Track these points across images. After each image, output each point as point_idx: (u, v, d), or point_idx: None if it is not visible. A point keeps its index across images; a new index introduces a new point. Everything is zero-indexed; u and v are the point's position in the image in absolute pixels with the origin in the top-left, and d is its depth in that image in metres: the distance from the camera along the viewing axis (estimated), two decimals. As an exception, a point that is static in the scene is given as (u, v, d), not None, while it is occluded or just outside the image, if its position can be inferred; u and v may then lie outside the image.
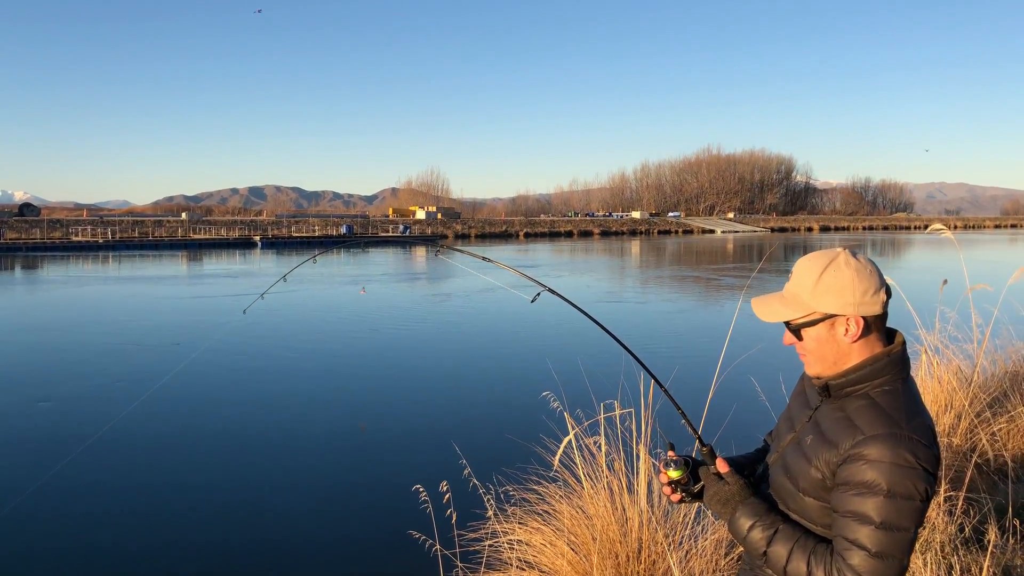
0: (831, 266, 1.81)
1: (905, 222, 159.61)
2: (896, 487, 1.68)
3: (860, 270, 1.80)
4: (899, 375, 1.83)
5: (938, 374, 6.07)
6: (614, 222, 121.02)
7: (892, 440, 1.71)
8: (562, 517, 4.18)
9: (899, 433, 1.72)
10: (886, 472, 1.69)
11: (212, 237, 71.53)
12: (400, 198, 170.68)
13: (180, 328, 18.89)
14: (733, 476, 1.97)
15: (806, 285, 1.84)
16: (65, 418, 10.30)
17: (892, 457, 1.69)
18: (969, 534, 4.06)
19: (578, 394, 4.90)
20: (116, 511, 7.25)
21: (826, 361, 1.85)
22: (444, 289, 30.11)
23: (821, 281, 1.81)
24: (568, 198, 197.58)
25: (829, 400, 1.88)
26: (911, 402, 1.80)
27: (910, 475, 1.68)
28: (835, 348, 1.83)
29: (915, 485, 1.68)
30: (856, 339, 1.81)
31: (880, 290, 1.81)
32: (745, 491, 1.95)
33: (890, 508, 1.68)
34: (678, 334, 17.75)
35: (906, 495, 1.68)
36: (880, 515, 1.68)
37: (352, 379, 12.93)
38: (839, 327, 1.82)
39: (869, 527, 1.69)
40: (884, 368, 1.81)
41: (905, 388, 1.82)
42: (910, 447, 1.70)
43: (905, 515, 1.68)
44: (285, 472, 8.30)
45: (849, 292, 1.79)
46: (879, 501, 1.68)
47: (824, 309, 1.81)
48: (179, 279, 35.21)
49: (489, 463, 4.71)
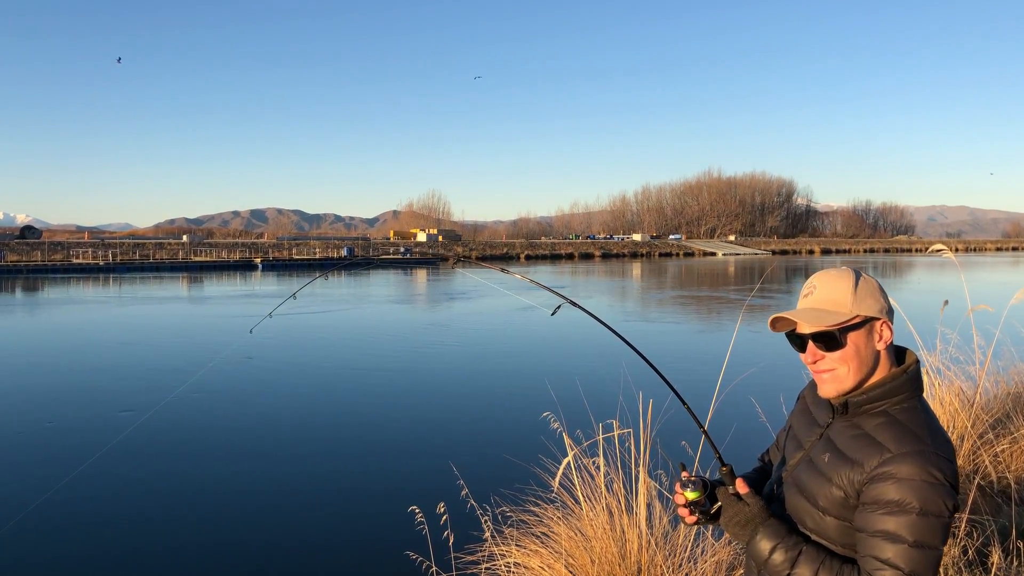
0: (863, 276, 1.90)
1: (907, 244, 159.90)
2: (928, 505, 1.68)
3: (871, 280, 1.90)
4: (915, 392, 1.85)
5: (940, 395, 6.04)
6: (615, 244, 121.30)
7: (921, 458, 1.71)
8: (560, 539, 4.13)
9: (926, 450, 1.72)
10: (917, 490, 1.69)
11: (213, 259, 71.73)
12: (401, 221, 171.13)
13: (185, 348, 18.86)
14: (753, 497, 1.95)
15: (846, 291, 1.87)
16: (71, 434, 10.24)
17: (922, 475, 1.69)
18: (973, 556, 4.01)
19: (577, 414, 4.86)
20: (115, 530, 7.18)
21: (854, 372, 1.85)
22: (443, 310, 30.09)
23: (860, 287, 1.87)
24: (569, 221, 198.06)
25: (842, 417, 1.89)
26: (931, 419, 1.81)
27: (940, 492, 1.69)
28: (871, 356, 1.86)
29: (944, 502, 1.69)
30: (888, 343, 1.86)
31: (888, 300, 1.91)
32: (765, 512, 1.92)
33: (922, 526, 1.67)
34: (678, 353, 17.69)
35: (937, 513, 1.68)
36: (913, 534, 1.67)
37: (351, 399, 12.87)
38: (875, 332, 1.86)
39: (902, 545, 1.68)
40: (903, 385, 1.84)
41: (922, 406, 1.85)
42: (937, 464, 1.71)
43: (936, 533, 1.68)
44: (282, 490, 8.24)
45: (881, 297, 1.88)
46: (911, 519, 1.68)
47: (866, 312, 1.86)
48: (181, 301, 35.23)
49: (487, 484, 4.67)
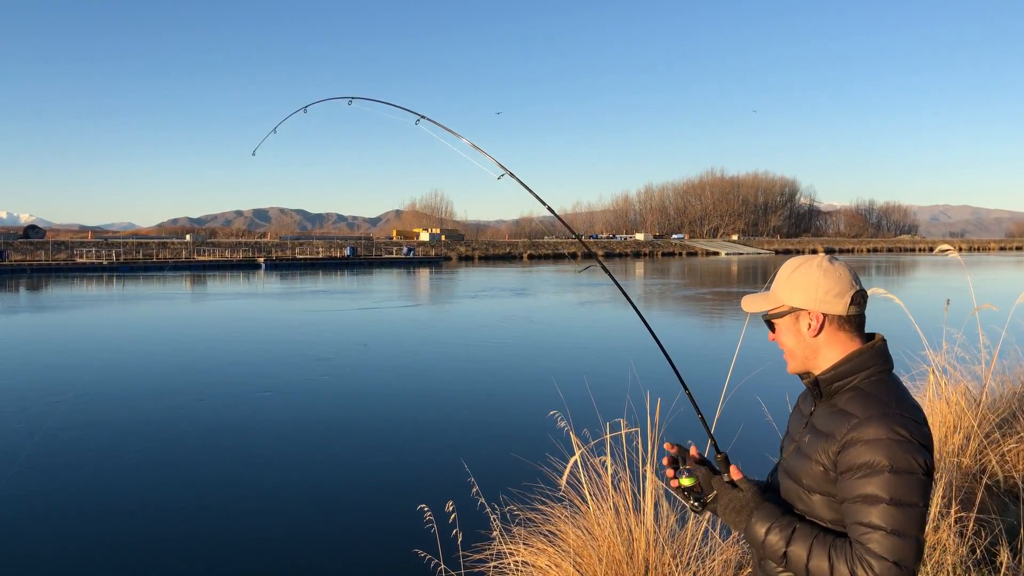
0: (804, 265, 1.97)
1: (910, 244, 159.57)
2: (897, 462, 1.72)
3: (829, 272, 1.94)
4: (883, 367, 1.91)
5: (946, 395, 6.03)
6: (618, 244, 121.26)
7: (885, 419, 1.76)
8: (567, 537, 4.13)
9: (890, 412, 1.78)
10: (884, 448, 1.73)
11: (216, 259, 71.78)
12: (404, 220, 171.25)
13: (190, 348, 18.89)
14: (747, 483, 2.00)
15: (781, 280, 2.01)
16: (71, 432, 10.27)
17: (887, 434, 1.74)
18: (981, 555, 4.01)
19: (584, 413, 4.87)
20: (122, 525, 7.20)
21: (796, 357, 1.99)
22: (447, 309, 30.11)
23: (792, 277, 1.97)
24: (572, 220, 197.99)
25: (822, 401, 1.96)
26: (898, 388, 1.87)
27: (908, 448, 1.73)
28: (802, 343, 1.96)
29: (914, 458, 1.72)
30: (816, 334, 1.93)
31: (845, 293, 1.92)
32: (759, 497, 1.97)
33: (896, 483, 1.71)
34: (684, 352, 17.68)
35: (908, 469, 1.72)
36: (887, 491, 1.71)
37: (359, 397, 12.88)
38: (803, 321, 1.95)
39: (880, 506, 1.71)
40: (868, 360, 1.90)
41: (891, 378, 1.90)
42: (902, 423, 1.76)
43: (912, 489, 1.71)
44: (291, 488, 8.25)
45: (813, 289, 1.93)
46: (884, 478, 1.72)
47: (791, 302, 1.96)
48: (185, 298, 35.29)
49: (495, 482, 4.68)
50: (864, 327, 1.97)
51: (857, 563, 1.71)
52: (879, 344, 1.93)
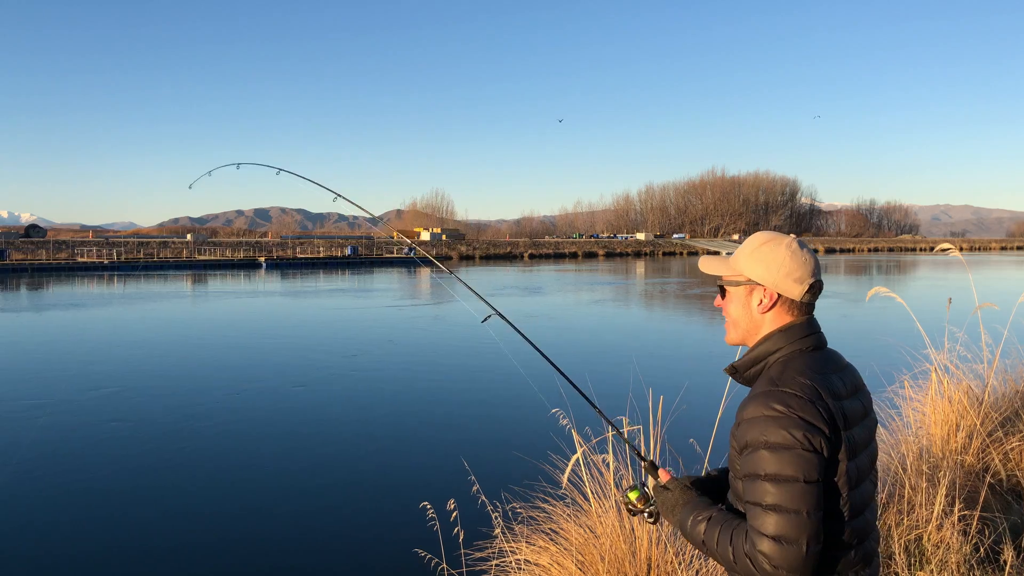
0: (772, 242, 1.95)
1: (911, 244, 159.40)
2: (770, 437, 1.71)
3: (796, 255, 1.91)
4: (794, 346, 1.88)
5: (949, 393, 6.01)
6: (619, 243, 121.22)
7: (763, 396, 1.76)
8: (570, 536, 4.12)
9: (771, 390, 1.77)
10: (759, 426, 1.73)
11: (217, 258, 71.80)
12: (405, 220, 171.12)
13: (192, 343, 18.88)
14: (674, 482, 2.06)
15: (745, 251, 1.98)
16: (73, 428, 10.27)
17: (763, 411, 1.74)
18: (985, 554, 4.00)
19: (586, 411, 4.84)
20: (124, 527, 7.20)
21: (739, 327, 1.99)
22: (449, 308, 30.10)
23: (758, 251, 1.95)
24: (573, 220, 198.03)
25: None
26: (800, 365, 1.83)
27: (782, 423, 1.70)
28: (749, 316, 1.96)
29: (790, 432, 1.70)
30: (767, 310, 1.92)
31: (805, 280, 1.90)
32: (687, 493, 2.01)
33: (771, 460, 1.70)
34: (688, 352, 17.68)
35: (782, 444, 1.69)
36: (764, 468, 1.71)
37: (362, 396, 12.87)
38: (756, 295, 1.94)
39: (759, 483, 1.71)
40: (776, 341, 1.89)
41: (801, 355, 1.87)
42: (780, 398, 1.74)
43: (788, 464, 1.69)
44: (294, 487, 8.25)
45: (776, 267, 1.90)
46: (761, 455, 1.71)
47: (750, 274, 1.95)
48: (185, 297, 35.28)
49: (497, 480, 4.67)
50: (811, 316, 1.96)
51: (748, 541, 1.73)
52: (786, 325, 1.91)
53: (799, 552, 1.65)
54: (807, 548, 1.66)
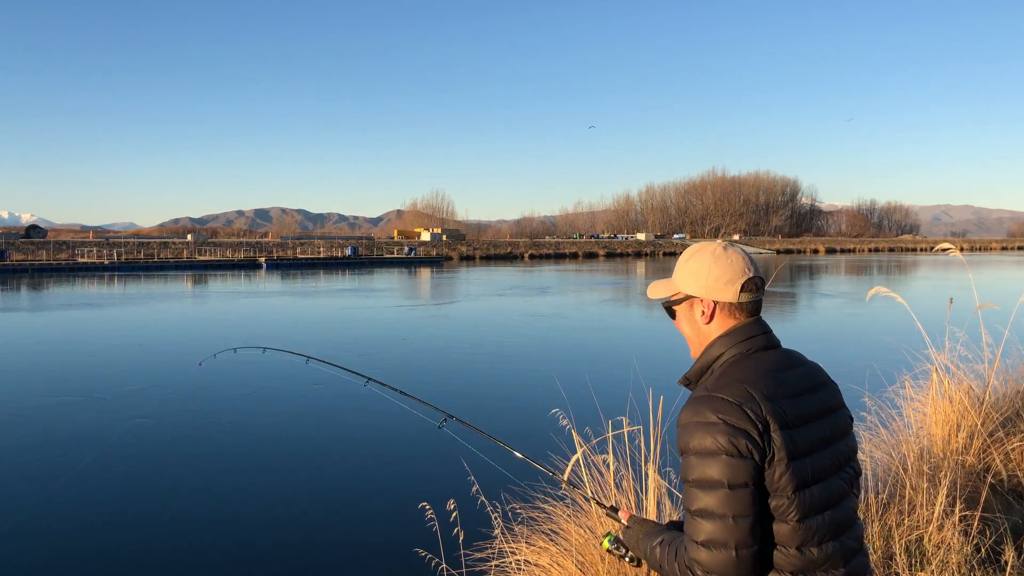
0: (698, 253, 1.97)
1: (911, 244, 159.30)
2: (695, 443, 1.72)
3: (720, 259, 1.92)
4: (737, 348, 1.88)
5: (949, 393, 6.00)
6: (619, 244, 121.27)
7: (695, 403, 1.77)
8: (570, 536, 4.11)
9: (703, 395, 1.77)
10: (688, 432, 1.74)
11: (217, 259, 71.86)
12: (405, 220, 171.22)
13: (189, 342, 18.88)
14: (633, 518, 2.14)
15: (678, 267, 2.01)
16: (72, 428, 10.26)
17: (692, 417, 1.75)
18: (986, 554, 3.99)
19: (586, 411, 4.85)
20: (124, 530, 7.20)
21: (694, 342, 2.00)
22: (450, 308, 30.09)
23: (686, 264, 1.98)
24: (573, 220, 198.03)
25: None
26: (739, 368, 1.83)
27: (707, 430, 1.71)
28: (697, 330, 1.97)
29: (714, 438, 1.70)
30: (709, 320, 1.93)
31: (736, 280, 1.90)
32: (645, 524, 2.07)
33: (698, 466, 1.71)
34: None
35: (705, 450, 1.70)
36: (692, 475, 1.72)
37: (361, 396, 12.86)
38: (696, 308, 1.96)
39: (689, 489, 1.73)
40: (718, 346, 1.91)
41: (744, 357, 1.86)
42: (710, 404, 1.74)
43: (713, 469, 1.69)
44: (292, 488, 8.24)
45: (704, 276, 1.93)
46: (689, 461, 1.73)
47: (686, 290, 1.97)
48: (184, 298, 35.29)
49: (496, 481, 4.66)
50: (759, 314, 1.96)
51: (684, 549, 1.75)
52: (730, 329, 1.91)
53: (729, 556, 1.67)
54: (736, 552, 1.67)
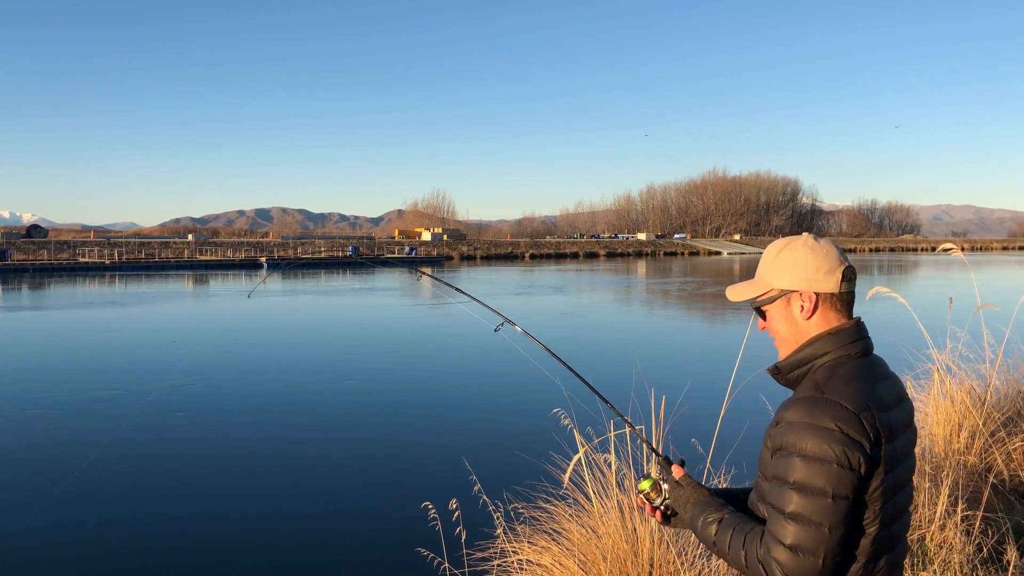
0: (789, 246, 1.88)
1: (912, 244, 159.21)
2: (807, 445, 1.65)
3: (815, 249, 1.85)
4: (842, 351, 1.80)
5: (951, 393, 6.00)
6: (620, 243, 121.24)
7: (808, 403, 1.69)
8: (572, 536, 4.12)
9: (818, 397, 1.70)
10: (797, 431, 1.67)
11: (218, 259, 71.88)
12: (406, 220, 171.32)
13: (186, 340, 18.89)
14: (687, 479, 2.02)
15: (766, 264, 1.91)
16: (73, 427, 10.27)
17: (804, 417, 1.67)
18: (988, 554, 3.99)
19: (588, 411, 4.85)
20: (124, 529, 7.20)
21: (788, 343, 1.88)
22: (451, 308, 30.08)
23: (778, 259, 1.88)
24: (574, 220, 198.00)
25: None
26: (849, 372, 1.76)
27: (823, 435, 1.64)
28: (794, 327, 1.87)
29: (829, 445, 1.63)
30: (810, 315, 1.84)
31: (835, 269, 1.83)
32: (700, 491, 1.97)
33: (803, 469, 1.64)
34: (690, 352, 17.67)
35: (818, 456, 1.63)
36: (793, 476, 1.65)
37: (363, 396, 12.88)
38: (795, 303, 1.86)
39: (785, 489, 1.66)
40: (824, 344, 1.81)
41: (849, 361, 1.79)
42: (827, 409, 1.67)
43: (819, 477, 1.63)
44: (295, 487, 8.25)
45: (802, 268, 1.84)
46: (793, 462, 1.66)
47: (780, 285, 1.87)
48: (186, 297, 35.29)
49: (499, 480, 4.67)
50: (852, 307, 1.88)
51: (763, 546, 1.68)
52: (835, 328, 1.83)
53: (815, 564, 1.62)
54: (823, 562, 1.62)
